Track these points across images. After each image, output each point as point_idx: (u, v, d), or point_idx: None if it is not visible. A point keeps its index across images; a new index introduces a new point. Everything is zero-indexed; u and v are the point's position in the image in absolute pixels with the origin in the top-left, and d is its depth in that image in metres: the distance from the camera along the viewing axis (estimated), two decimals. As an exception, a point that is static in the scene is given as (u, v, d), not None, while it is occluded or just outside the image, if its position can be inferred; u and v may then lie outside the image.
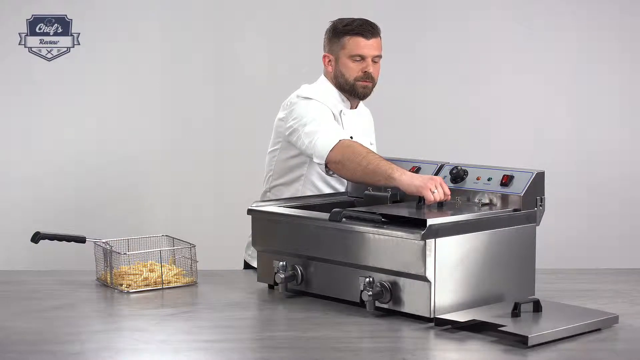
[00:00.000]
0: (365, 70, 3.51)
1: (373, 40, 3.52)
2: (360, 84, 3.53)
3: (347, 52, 3.52)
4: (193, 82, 5.30)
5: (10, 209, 5.27)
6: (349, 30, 3.52)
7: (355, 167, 3.19)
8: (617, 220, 5.27)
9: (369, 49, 3.51)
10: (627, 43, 5.26)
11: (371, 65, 3.52)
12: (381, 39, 3.58)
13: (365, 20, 3.56)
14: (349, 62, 3.52)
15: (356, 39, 3.51)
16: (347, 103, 3.60)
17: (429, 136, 5.24)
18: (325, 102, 3.50)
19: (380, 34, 3.57)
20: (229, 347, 2.63)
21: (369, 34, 3.51)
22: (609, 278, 3.40)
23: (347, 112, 3.58)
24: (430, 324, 2.76)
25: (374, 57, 3.52)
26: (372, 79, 3.54)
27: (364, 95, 3.57)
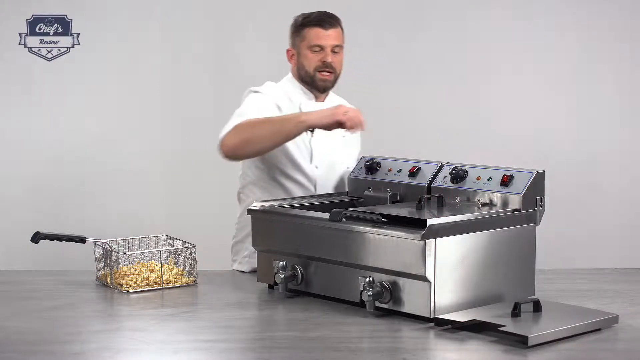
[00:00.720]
0: (324, 60, 3.51)
1: (332, 30, 3.53)
2: (319, 75, 3.53)
3: (307, 44, 3.53)
4: (193, 82, 5.30)
5: (10, 209, 5.27)
6: (307, 22, 3.54)
7: (260, 133, 3.26)
8: (617, 220, 5.27)
9: (327, 39, 3.52)
10: (627, 43, 5.26)
11: (330, 55, 3.52)
12: (342, 30, 3.59)
13: (324, 12, 3.57)
14: (309, 53, 3.53)
15: (314, 30, 3.52)
16: (310, 95, 3.59)
17: (429, 136, 5.24)
18: (275, 95, 3.50)
19: (340, 24, 3.58)
20: (229, 347, 2.63)
21: (327, 24, 3.52)
22: (609, 278, 3.41)
23: (308, 105, 3.55)
24: (430, 324, 2.76)
25: (333, 47, 3.53)
26: (333, 69, 3.54)
27: (324, 87, 3.56)
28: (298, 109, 3.53)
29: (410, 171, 3.29)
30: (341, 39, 3.57)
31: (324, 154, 3.56)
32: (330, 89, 3.61)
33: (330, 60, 3.52)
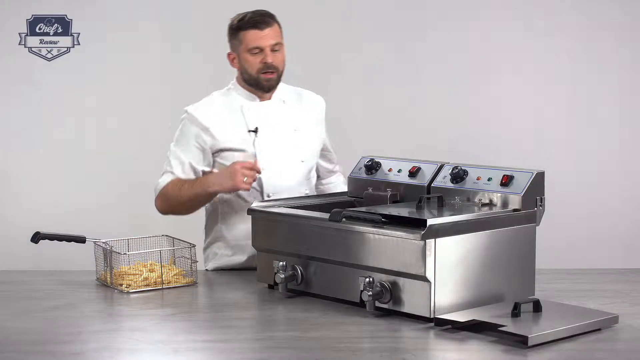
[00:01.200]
0: (265, 62, 3.52)
1: (268, 30, 3.52)
2: (263, 77, 3.54)
3: (245, 47, 3.53)
4: (193, 82, 5.30)
5: (10, 209, 5.27)
6: (243, 25, 3.54)
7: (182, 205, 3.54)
8: (617, 220, 5.27)
9: (264, 40, 3.51)
10: (627, 43, 5.26)
11: (270, 55, 3.52)
12: (279, 25, 3.57)
13: (258, 11, 3.56)
14: (248, 56, 3.54)
15: (251, 32, 3.52)
16: (254, 97, 3.60)
17: (429, 136, 5.24)
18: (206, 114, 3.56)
19: (276, 21, 3.56)
20: (229, 347, 2.63)
21: (262, 24, 3.51)
22: (609, 278, 3.41)
23: (251, 106, 3.58)
24: (430, 324, 2.76)
25: (272, 46, 3.52)
26: (275, 68, 3.54)
27: (269, 87, 3.57)
28: (240, 113, 3.56)
29: (410, 171, 3.29)
30: (279, 36, 3.55)
31: (270, 152, 3.55)
32: (276, 87, 3.60)
33: (271, 61, 3.52)
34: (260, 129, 3.55)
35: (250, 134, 3.54)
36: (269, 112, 3.60)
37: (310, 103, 3.72)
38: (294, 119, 3.63)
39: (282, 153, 3.57)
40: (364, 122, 5.15)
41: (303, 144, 3.62)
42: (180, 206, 3.55)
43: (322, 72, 5.08)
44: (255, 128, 3.54)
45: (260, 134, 3.54)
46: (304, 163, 3.61)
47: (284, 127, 3.60)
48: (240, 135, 3.54)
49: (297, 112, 3.65)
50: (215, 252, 3.64)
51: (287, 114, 3.63)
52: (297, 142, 3.61)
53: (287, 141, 3.59)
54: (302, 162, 3.61)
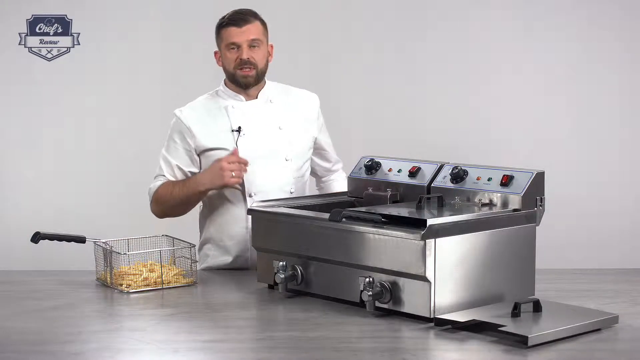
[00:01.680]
0: (241, 57, 3.53)
1: (247, 26, 3.53)
2: (239, 73, 3.56)
3: (224, 44, 3.57)
4: (193, 82, 5.29)
5: (10, 209, 5.27)
6: (222, 22, 3.58)
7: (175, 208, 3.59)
8: (617, 220, 5.27)
9: (241, 36, 3.53)
10: (627, 43, 5.26)
11: (246, 50, 3.53)
12: (261, 23, 3.58)
13: (238, 10, 3.59)
14: (227, 52, 3.57)
15: (228, 30, 3.55)
16: (240, 97, 3.62)
17: (429, 136, 5.24)
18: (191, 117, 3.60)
19: (258, 19, 3.58)
20: (229, 347, 2.63)
21: (240, 21, 3.53)
22: (609, 278, 3.41)
23: (237, 105, 3.60)
24: (430, 324, 2.76)
25: (249, 42, 3.53)
26: (253, 65, 3.55)
27: (246, 83, 3.58)
28: (225, 113, 3.58)
29: (410, 171, 3.29)
30: (259, 33, 3.56)
31: (253, 151, 3.55)
32: (254, 84, 3.60)
33: (247, 57, 3.53)
34: (244, 128, 3.56)
35: (233, 133, 3.54)
36: (253, 112, 3.60)
37: (299, 101, 3.71)
38: (279, 118, 3.63)
39: (265, 152, 3.57)
40: (364, 122, 5.15)
41: (288, 143, 3.61)
42: (174, 208, 3.60)
43: (322, 72, 5.08)
44: (238, 127, 3.55)
45: (244, 133, 3.54)
46: (289, 162, 3.60)
47: (268, 126, 3.59)
48: (224, 135, 3.56)
49: (283, 111, 3.65)
50: (207, 253, 3.66)
51: (273, 112, 3.63)
52: (282, 141, 3.60)
53: (270, 140, 3.59)
54: (287, 161, 3.60)
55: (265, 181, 3.55)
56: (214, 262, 3.62)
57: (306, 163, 3.69)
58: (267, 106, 3.63)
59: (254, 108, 3.61)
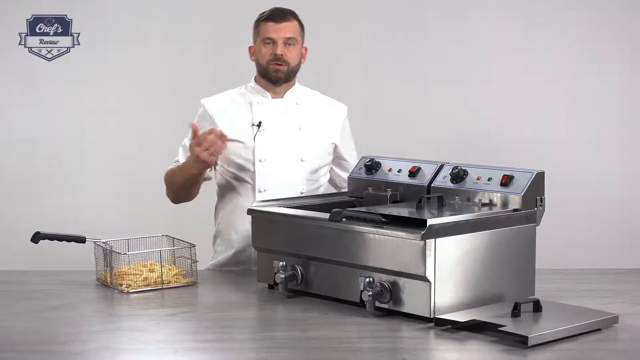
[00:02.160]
0: (275, 53, 3.56)
1: (284, 23, 3.58)
2: (272, 67, 3.59)
3: (260, 38, 3.60)
4: (193, 81, 5.30)
5: (10, 209, 5.27)
6: (261, 17, 3.62)
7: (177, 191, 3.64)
8: (617, 220, 5.27)
9: (279, 32, 3.57)
10: (627, 43, 5.26)
11: (281, 47, 3.56)
12: (299, 24, 3.63)
13: (279, 7, 3.63)
14: (262, 47, 3.60)
15: (267, 24, 3.59)
16: (267, 94, 3.64)
17: (429, 136, 5.24)
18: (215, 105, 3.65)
19: (296, 19, 3.63)
20: (229, 347, 2.63)
21: (278, 18, 3.58)
22: (609, 278, 3.41)
23: (263, 101, 3.63)
24: (430, 324, 2.76)
25: (285, 39, 3.57)
26: (286, 62, 3.59)
27: (277, 78, 3.61)
28: (249, 108, 3.62)
29: (410, 171, 3.29)
30: (296, 33, 3.61)
31: (269, 147, 3.58)
32: (285, 81, 3.63)
33: (281, 53, 3.56)
34: (265, 124, 3.58)
35: (253, 127, 3.56)
36: (277, 110, 3.63)
37: (325, 107, 3.74)
38: (301, 119, 3.65)
39: (281, 150, 3.59)
40: (364, 122, 5.15)
41: (306, 144, 3.63)
42: (179, 192, 3.66)
43: (322, 72, 5.08)
44: (259, 122, 3.57)
45: (264, 129, 3.56)
46: (303, 163, 3.62)
47: (288, 125, 3.62)
48: (244, 129, 3.59)
49: (307, 113, 3.67)
50: (215, 249, 3.71)
51: (296, 113, 3.65)
52: (300, 141, 3.62)
53: (288, 139, 3.61)
54: (301, 162, 3.61)
55: (277, 178, 3.57)
56: (220, 258, 3.66)
57: (323, 168, 3.70)
58: (291, 106, 3.66)
59: (279, 106, 3.64)
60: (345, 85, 5.14)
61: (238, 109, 3.64)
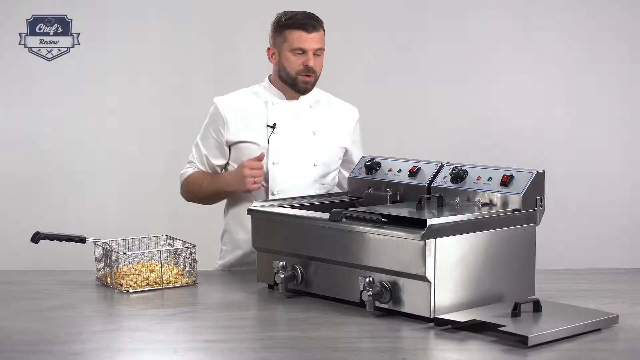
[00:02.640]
0: (307, 64, 3.54)
1: (315, 34, 3.53)
2: (301, 78, 3.56)
3: (289, 46, 3.54)
4: (193, 81, 5.30)
5: (10, 209, 5.27)
6: (291, 24, 3.54)
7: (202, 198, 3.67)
8: (617, 220, 5.27)
9: (310, 43, 3.53)
10: (627, 43, 5.26)
11: (312, 58, 3.54)
12: (324, 32, 3.59)
13: (308, 14, 3.58)
14: (291, 55, 3.55)
15: (297, 33, 3.53)
16: (282, 95, 3.63)
17: (429, 136, 5.24)
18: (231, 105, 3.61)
19: (322, 27, 3.58)
20: (229, 347, 2.63)
21: (310, 27, 3.53)
22: (609, 278, 3.41)
23: (278, 102, 3.61)
24: (430, 324, 2.76)
25: (315, 50, 3.54)
26: (314, 72, 3.57)
27: (305, 89, 3.59)
28: (264, 108, 3.60)
29: (410, 171, 3.29)
30: (323, 42, 3.58)
31: (283, 150, 3.57)
32: (310, 90, 3.63)
33: (312, 64, 3.54)
34: (279, 126, 3.57)
35: (267, 129, 3.55)
36: (292, 112, 3.62)
37: (338, 111, 3.73)
38: (315, 123, 3.64)
39: (295, 153, 3.58)
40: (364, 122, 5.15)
41: (319, 148, 3.62)
42: (203, 200, 3.70)
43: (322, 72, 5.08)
44: (273, 124, 3.56)
45: (278, 131, 3.56)
46: (316, 167, 3.61)
47: (303, 128, 3.61)
48: (258, 130, 3.58)
49: (321, 117, 3.66)
50: (221, 248, 3.72)
51: (310, 116, 3.64)
52: (313, 145, 3.61)
53: (302, 142, 3.60)
54: (314, 166, 3.61)
55: (289, 181, 3.57)
56: (229, 258, 3.65)
57: (333, 173, 3.70)
58: (306, 110, 3.64)
59: (294, 109, 3.62)
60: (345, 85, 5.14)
61: (252, 109, 3.62)
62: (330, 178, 3.69)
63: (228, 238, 3.68)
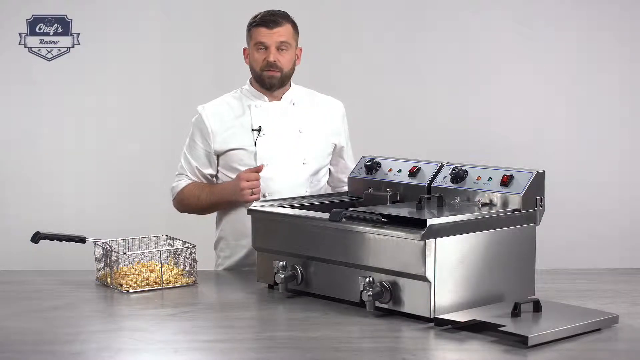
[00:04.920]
0: (267, 59, 3.54)
1: (277, 28, 3.54)
2: (265, 74, 3.57)
3: (252, 43, 3.58)
4: (193, 82, 5.30)
5: (10, 209, 5.27)
6: (253, 22, 3.58)
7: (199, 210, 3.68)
8: (617, 220, 5.27)
9: (270, 37, 3.54)
10: (627, 43, 5.26)
11: (274, 53, 3.54)
12: (292, 27, 3.59)
13: (273, 10, 3.59)
14: (254, 52, 3.58)
15: (258, 29, 3.55)
16: (263, 96, 3.63)
17: (429, 136, 5.24)
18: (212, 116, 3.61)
19: (289, 21, 3.58)
20: (229, 347, 2.63)
21: (271, 23, 3.54)
22: (609, 278, 3.41)
23: (261, 105, 3.62)
24: (430, 324, 2.76)
25: (278, 44, 3.54)
26: (278, 68, 3.56)
27: (271, 84, 3.59)
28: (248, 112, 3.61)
29: (410, 171, 3.29)
30: (289, 36, 3.57)
31: (270, 152, 3.57)
32: (279, 87, 3.62)
33: (274, 59, 3.54)
34: (265, 128, 3.57)
35: (253, 132, 3.55)
36: (276, 113, 3.62)
37: (323, 106, 3.72)
38: (300, 121, 3.64)
39: (283, 153, 3.58)
40: (364, 122, 5.16)
41: (306, 146, 3.62)
42: (200, 211, 3.70)
43: (322, 72, 5.08)
44: (259, 127, 3.56)
45: (264, 134, 3.56)
46: (305, 165, 3.61)
47: (288, 128, 3.61)
48: (244, 134, 3.58)
49: (305, 114, 3.66)
50: (219, 254, 3.71)
51: (295, 115, 3.64)
52: (301, 144, 3.61)
53: (289, 142, 3.60)
54: (303, 164, 3.61)
55: (280, 182, 3.57)
56: (227, 263, 3.65)
57: (324, 169, 3.70)
58: (290, 108, 3.64)
59: (277, 109, 3.62)
60: (344, 85, 5.14)
61: (235, 115, 3.62)
62: (321, 174, 3.69)
63: (224, 244, 3.67)
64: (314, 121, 3.66)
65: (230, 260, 3.64)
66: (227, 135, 3.59)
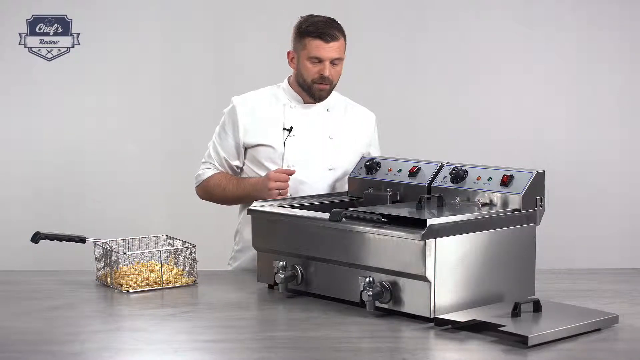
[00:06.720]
0: (322, 74, 3.53)
1: (333, 43, 3.52)
2: (317, 87, 3.56)
3: (307, 54, 3.54)
4: (193, 82, 5.30)
5: (10, 209, 5.27)
6: (311, 31, 3.54)
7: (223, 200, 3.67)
8: (617, 220, 5.27)
9: (327, 52, 3.52)
10: (627, 43, 5.26)
11: (328, 68, 3.54)
12: (344, 41, 3.58)
13: (329, 23, 3.56)
14: (308, 63, 3.55)
15: (315, 42, 3.52)
16: (300, 98, 3.62)
17: (429, 136, 5.24)
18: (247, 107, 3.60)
19: (343, 35, 3.57)
20: (229, 347, 2.63)
21: (329, 37, 3.52)
22: (609, 278, 3.40)
23: (296, 106, 3.62)
24: (430, 324, 2.76)
25: (332, 60, 3.54)
26: (330, 82, 3.56)
27: (320, 97, 3.59)
28: (282, 111, 3.60)
29: (410, 171, 3.29)
30: (342, 52, 3.57)
31: (298, 154, 3.57)
32: (326, 98, 3.62)
33: (328, 74, 3.54)
34: (295, 129, 3.57)
35: (283, 131, 3.55)
36: (309, 116, 3.61)
37: (355, 116, 3.72)
38: (332, 127, 3.64)
39: (310, 157, 3.57)
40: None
41: (335, 153, 3.61)
42: (223, 201, 3.69)
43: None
44: (290, 127, 3.56)
45: (294, 134, 3.55)
46: (331, 171, 3.60)
47: (319, 133, 3.60)
48: (274, 132, 3.58)
49: (337, 121, 3.66)
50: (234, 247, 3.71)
51: (327, 121, 3.64)
52: (329, 150, 3.61)
53: (318, 146, 3.59)
54: (329, 170, 3.60)
55: (304, 186, 3.56)
56: (242, 259, 3.65)
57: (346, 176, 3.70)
58: (323, 113, 3.64)
59: (311, 113, 3.62)
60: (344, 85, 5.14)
61: (269, 111, 3.61)
62: (344, 182, 3.66)
63: (239, 238, 3.68)
64: (345, 129, 3.66)
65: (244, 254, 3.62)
66: (258, 130, 3.58)
